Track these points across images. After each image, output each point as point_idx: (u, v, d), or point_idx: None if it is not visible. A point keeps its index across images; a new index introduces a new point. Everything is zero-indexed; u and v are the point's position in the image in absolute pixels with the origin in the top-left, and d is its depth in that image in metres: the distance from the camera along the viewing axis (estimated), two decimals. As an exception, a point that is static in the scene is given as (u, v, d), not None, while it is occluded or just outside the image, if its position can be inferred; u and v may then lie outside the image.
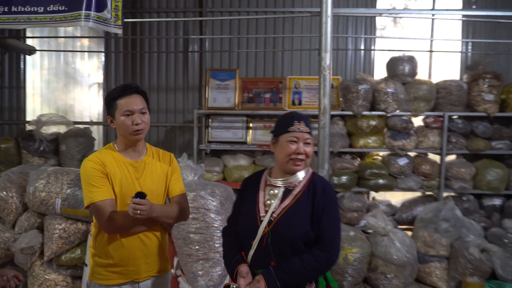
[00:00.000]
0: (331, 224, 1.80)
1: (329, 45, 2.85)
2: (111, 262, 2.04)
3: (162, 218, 2.06)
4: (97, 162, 2.02)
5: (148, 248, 2.08)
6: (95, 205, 1.98)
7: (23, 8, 2.94)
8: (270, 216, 1.81)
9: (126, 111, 2.00)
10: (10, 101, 5.68)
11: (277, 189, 1.88)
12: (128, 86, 2.08)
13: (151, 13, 5.48)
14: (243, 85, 5.22)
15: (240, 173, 4.79)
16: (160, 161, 2.18)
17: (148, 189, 2.04)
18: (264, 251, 1.81)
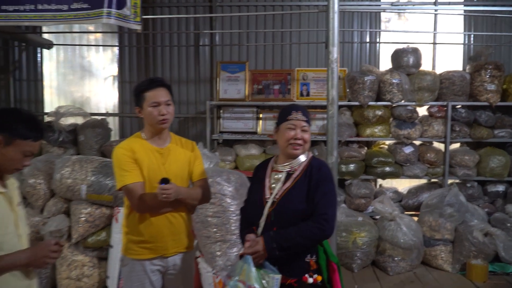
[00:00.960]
0: (324, 199, 1.99)
1: (336, 39, 3.01)
2: (142, 239, 2.24)
3: (188, 199, 2.27)
4: (127, 149, 2.23)
5: (175, 226, 2.29)
6: (127, 187, 2.18)
7: (48, 6, 3.12)
8: (273, 198, 2.04)
9: (153, 102, 2.21)
10: (28, 94, 5.90)
11: (280, 173, 2.09)
12: (155, 79, 2.29)
13: (162, 7, 5.65)
14: (252, 77, 5.40)
15: (252, 161, 4.98)
16: (183, 148, 2.39)
17: (172, 173, 2.25)
18: (270, 228, 2.02)
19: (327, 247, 2.10)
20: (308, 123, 2.08)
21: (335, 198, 2.08)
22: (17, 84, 5.87)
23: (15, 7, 3.10)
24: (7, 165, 1.74)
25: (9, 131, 1.70)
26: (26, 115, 1.78)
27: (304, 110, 2.09)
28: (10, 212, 1.77)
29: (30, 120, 1.77)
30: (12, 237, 1.75)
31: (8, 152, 1.71)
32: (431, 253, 4.36)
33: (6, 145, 1.70)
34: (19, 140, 1.71)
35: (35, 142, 1.76)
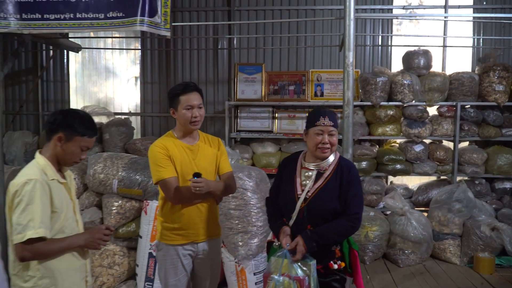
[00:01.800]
0: (355, 199, 2.23)
1: (352, 44, 3.23)
2: (176, 226, 2.50)
3: (217, 191, 2.52)
4: (162, 147, 2.48)
5: (204, 215, 2.55)
6: (163, 182, 2.43)
7: (86, 15, 3.38)
8: (306, 194, 2.25)
9: (187, 105, 2.45)
10: (55, 94, 6.21)
11: (311, 171, 2.31)
12: (189, 84, 2.54)
13: (183, 11, 5.91)
14: (268, 78, 5.64)
15: (268, 159, 5.23)
16: (210, 145, 2.65)
17: (202, 168, 2.51)
18: (301, 222, 2.25)
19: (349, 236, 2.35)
20: (335, 126, 2.27)
21: (362, 197, 2.31)
22: (45, 85, 6.18)
23: (56, 15, 3.36)
24: (67, 159, 2.01)
25: (69, 129, 1.97)
26: (83, 115, 2.05)
27: (331, 114, 2.28)
28: (69, 200, 2.04)
29: (86, 119, 2.04)
30: (72, 221, 2.03)
31: (69, 147, 1.98)
32: (440, 246, 4.57)
33: (67, 141, 1.97)
34: (77, 136, 1.98)
35: (91, 138, 2.04)
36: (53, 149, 1.99)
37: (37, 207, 1.81)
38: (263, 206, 3.60)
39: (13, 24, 3.38)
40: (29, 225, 1.78)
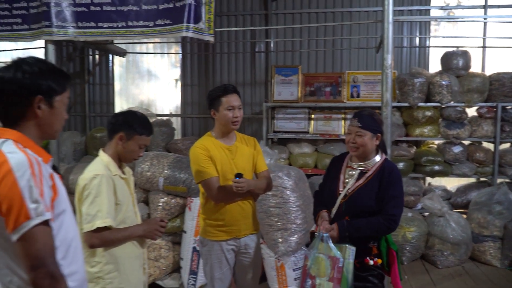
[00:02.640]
0: (392, 200, 2.33)
1: (390, 47, 3.30)
2: (220, 223, 2.66)
3: (256, 190, 2.68)
4: (203, 148, 2.63)
5: (245, 212, 2.70)
6: (205, 182, 2.59)
7: (137, 23, 3.62)
8: (346, 191, 2.40)
9: (229, 106, 2.60)
10: (101, 96, 6.54)
11: (354, 171, 2.45)
12: (230, 86, 2.68)
13: (221, 16, 6.10)
14: (305, 80, 5.74)
15: (304, 159, 5.33)
16: (247, 145, 2.79)
17: (240, 167, 2.67)
18: (340, 216, 2.40)
19: (389, 236, 2.45)
20: (365, 128, 2.37)
21: (402, 200, 2.39)
22: (91, 88, 6.53)
23: (109, 24, 3.62)
24: (127, 156, 2.21)
25: (129, 129, 2.17)
26: (141, 116, 2.25)
27: (361, 116, 2.41)
28: (129, 194, 2.24)
29: (144, 120, 2.24)
30: (132, 213, 2.23)
31: (129, 146, 2.19)
32: (480, 248, 4.53)
33: (128, 140, 2.18)
34: (136, 135, 2.19)
35: (148, 137, 2.23)
36: (115, 147, 2.20)
37: (104, 199, 2.01)
38: (302, 205, 3.74)
39: (70, 32, 3.66)
40: (97, 215, 1.98)
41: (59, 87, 1.43)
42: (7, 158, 1.29)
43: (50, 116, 1.43)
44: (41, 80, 1.39)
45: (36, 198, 1.26)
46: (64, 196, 1.44)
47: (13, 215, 1.25)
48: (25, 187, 1.26)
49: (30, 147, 1.38)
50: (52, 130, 1.45)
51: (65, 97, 1.47)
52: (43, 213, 1.27)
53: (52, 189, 1.35)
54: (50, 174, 1.37)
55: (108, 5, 3.63)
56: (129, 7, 3.61)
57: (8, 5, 3.71)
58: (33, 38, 3.69)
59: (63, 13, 3.62)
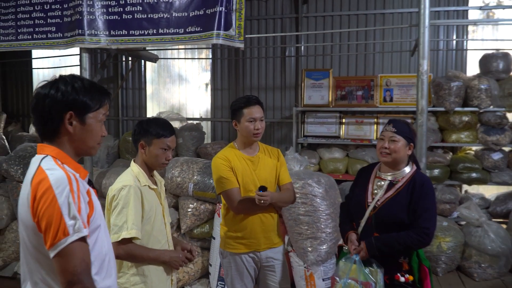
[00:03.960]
0: (425, 213, 2.22)
1: (426, 52, 3.18)
2: (239, 235, 2.63)
3: (279, 203, 2.65)
4: (224, 158, 2.61)
5: (266, 225, 2.65)
6: (226, 193, 2.57)
7: (167, 30, 3.65)
8: (375, 203, 2.31)
9: (250, 118, 2.58)
10: (133, 100, 6.67)
11: (383, 181, 2.36)
12: (252, 97, 2.66)
13: (251, 20, 6.08)
14: (336, 84, 5.65)
15: (335, 165, 5.24)
16: (270, 156, 2.75)
17: (262, 178, 2.63)
18: (369, 229, 2.32)
19: (420, 251, 2.34)
20: (400, 134, 2.29)
21: (435, 213, 2.29)
22: (124, 92, 6.66)
23: (140, 31, 3.66)
24: (154, 162, 2.22)
25: (146, 134, 2.19)
26: (156, 120, 2.27)
27: (397, 122, 2.34)
28: (159, 204, 2.25)
29: (160, 122, 2.25)
30: (160, 224, 2.23)
31: (151, 151, 2.20)
32: (521, 261, 4.30)
33: (148, 146, 2.19)
34: (155, 139, 2.19)
35: (168, 138, 2.22)
36: (141, 157, 2.22)
37: (130, 210, 2.02)
38: (332, 213, 3.66)
39: (103, 40, 3.73)
40: (123, 226, 2.00)
41: (92, 104, 1.44)
42: (47, 175, 1.32)
43: (83, 133, 1.44)
44: (73, 97, 1.41)
45: (74, 215, 1.29)
46: (100, 212, 1.46)
47: (52, 231, 1.27)
48: (64, 203, 1.28)
49: (68, 163, 1.41)
50: (86, 146, 1.47)
51: (100, 113, 1.48)
52: (81, 229, 1.29)
53: (88, 205, 1.37)
54: (87, 190, 1.39)
55: (139, 13, 3.68)
56: (160, 15, 3.65)
57: (43, 14, 3.82)
58: (66, 46, 3.79)
59: (96, 21, 3.69)
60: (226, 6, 3.49)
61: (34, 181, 1.33)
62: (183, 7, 3.61)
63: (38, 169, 1.36)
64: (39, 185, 1.31)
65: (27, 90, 7.15)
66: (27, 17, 3.88)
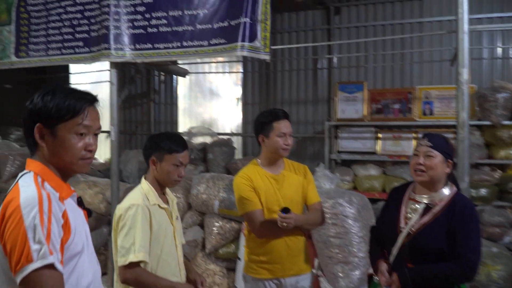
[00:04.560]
0: (468, 242, 1.93)
1: (466, 60, 2.89)
2: (262, 259, 2.43)
3: (305, 225, 2.44)
4: (246, 178, 2.45)
5: (292, 249, 2.44)
6: (248, 214, 2.41)
7: (191, 43, 3.56)
8: (409, 229, 2.04)
9: (281, 133, 2.41)
10: (165, 116, 6.68)
11: (418, 204, 2.08)
12: (281, 111, 2.50)
13: (282, 33, 5.96)
14: (371, 97, 5.37)
15: (371, 182, 4.94)
16: (296, 173, 2.55)
17: (287, 198, 2.43)
18: (402, 258, 2.05)
19: (463, 286, 2.05)
20: (436, 148, 2.03)
21: (480, 241, 1.99)
22: (156, 107, 6.69)
23: (165, 45, 3.60)
24: (166, 179, 2.08)
25: (158, 150, 2.05)
26: (168, 134, 2.14)
27: (433, 136, 2.08)
28: (170, 225, 2.10)
29: (172, 137, 2.11)
30: (171, 246, 2.07)
31: (163, 168, 2.06)
32: None
33: (160, 162, 2.05)
34: (167, 155, 2.05)
35: (181, 153, 2.07)
36: (152, 173, 2.09)
37: (138, 231, 1.89)
38: (366, 236, 3.38)
39: (128, 54, 3.69)
40: (131, 249, 1.87)
41: (60, 113, 1.27)
42: (19, 193, 1.20)
43: (55, 146, 1.29)
44: (39, 107, 1.28)
45: (39, 239, 1.14)
46: (82, 236, 1.31)
47: (16, 256, 1.13)
48: (30, 226, 1.14)
49: (50, 181, 1.28)
50: (64, 162, 1.31)
51: (74, 124, 1.29)
52: (45, 256, 1.13)
53: (64, 229, 1.22)
54: (63, 211, 1.24)
55: (164, 26, 3.62)
56: (185, 27, 3.57)
57: (72, 29, 3.85)
58: (92, 61, 3.79)
59: (121, 35, 3.67)
60: (251, 17, 3.36)
61: (6, 199, 1.21)
62: (208, 19, 3.52)
63: (14, 186, 1.24)
64: (9, 204, 1.18)
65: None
66: (57, 33, 3.92)
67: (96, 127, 1.36)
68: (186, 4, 3.58)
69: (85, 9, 3.80)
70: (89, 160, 1.35)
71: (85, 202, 4.31)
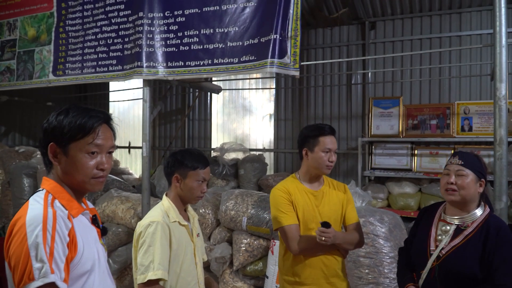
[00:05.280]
0: (503, 266, 1.81)
1: (504, 74, 2.76)
2: (297, 280, 2.33)
3: (344, 244, 2.31)
4: (284, 191, 2.37)
5: (329, 269, 2.33)
6: (283, 229, 2.30)
7: (222, 60, 3.62)
8: (439, 252, 1.94)
9: (326, 148, 2.33)
10: (199, 131, 6.78)
11: (449, 225, 1.98)
12: (329, 126, 2.41)
13: (316, 49, 5.94)
14: (407, 112, 5.24)
15: (406, 200, 4.77)
16: (336, 190, 2.46)
17: (326, 215, 2.33)
18: (432, 282, 1.94)
19: None
20: (468, 167, 1.94)
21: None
22: (191, 123, 6.81)
23: (196, 62, 3.68)
24: (189, 195, 2.09)
25: (182, 167, 2.07)
26: (191, 151, 2.14)
27: (464, 154, 1.99)
28: (190, 242, 2.10)
29: (194, 154, 2.12)
30: (191, 264, 2.07)
31: (187, 184, 2.07)
32: None
33: (184, 178, 2.06)
34: (191, 171, 2.06)
35: (204, 169, 2.09)
36: (175, 190, 2.10)
37: (157, 249, 1.90)
38: (397, 256, 3.26)
39: (160, 72, 3.80)
40: (150, 267, 1.87)
41: (71, 132, 1.30)
42: (27, 211, 1.23)
43: (67, 165, 1.32)
44: (52, 126, 1.32)
45: (41, 257, 1.16)
46: (93, 255, 1.32)
47: (18, 273, 1.16)
48: (33, 244, 1.17)
49: (61, 199, 1.31)
50: (76, 180, 1.34)
51: (86, 143, 1.32)
52: (46, 274, 1.15)
53: (69, 247, 1.23)
54: (69, 229, 1.26)
55: (196, 44, 3.70)
56: (216, 45, 3.64)
57: (106, 48, 4.02)
58: (125, 78, 3.91)
59: (154, 53, 3.78)
60: (281, 33, 3.38)
61: (15, 216, 1.25)
62: (238, 36, 3.58)
63: (25, 204, 1.28)
64: (17, 221, 1.22)
65: (104, 122, 7.61)
66: (92, 52, 4.10)
67: (109, 146, 1.37)
68: (217, 22, 3.66)
69: (119, 29, 3.96)
70: (102, 179, 1.37)
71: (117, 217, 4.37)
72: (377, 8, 5.37)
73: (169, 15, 3.81)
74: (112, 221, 4.25)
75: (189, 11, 3.77)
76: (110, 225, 4.25)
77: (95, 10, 4.17)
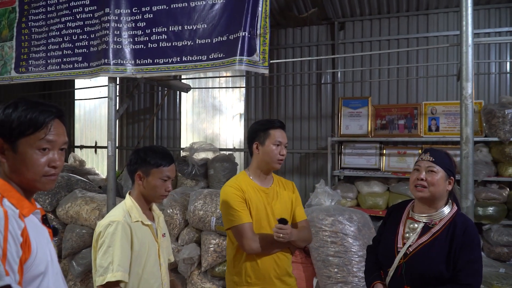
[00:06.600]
0: (469, 267, 1.82)
1: (470, 74, 2.81)
2: (249, 280, 2.26)
3: (298, 241, 2.29)
4: (237, 188, 2.28)
5: (280, 268, 2.30)
6: (236, 228, 2.21)
7: (191, 57, 3.54)
8: (406, 249, 1.93)
9: (277, 141, 2.30)
10: (168, 131, 6.64)
11: (417, 223, 1.98)
12: (279, 120, 2.40)
13: (286, 48, 5.93)
14: (375, 112, 5.30)
15: (374, 199, 4.82)
16: (285, 189, 2.44)
17: (277, 213, 2.30)
18: (399, 280, 1.94)
19: None
20: (439, 164, 1.94)
21: (481, 266, 1.88)
22: (159, 122, 6.66)
23: (164, 59, 3.58)
24: (152, 194, 2.00)
25: (144, 164, 1.98)
26: (155, 148, 2.06)
27: (434, 151, 1.99)
28: (154, 242, 2.01)
29: (158, 151, 2.03)
30: (154, 265, 1.98)
31: (149, 182, 1.98)
32: None
33: (146, 176, 1.98)
34: (153, 169, 1.98)
35: (168, 167, 2.00)
36: (138, 189, 2.02)
37: (117, 249, 1.81)
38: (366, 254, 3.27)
39: (128, 69, 3.67)
40: (109, 268, 1.79)
41: (21, 127, 1.21)
42: None
43: (16, 162, 1.23)
44: (2, 121, 1.22)
45: None
46: (45, 256, 1.23)
47: None
48: None
49: (10, 197, 1.21)
50: (26, 179, 1.24)
51: (37, 139, 1.23)
52: (1, 277, 1.07)
53: (23, 248, 1.14)
54: (22, 229, 1.17)
55: (164, 41, 3.61)
56: (184, 42, 3.55)
57: (71, 44, 3.86)
58: (91, 76, 3.77)
59: (122, 51, 3.66)
60: (249, 31, 3.32)
61: None
62: (207, 33, 3.50)
63: None
64: None
65: (69, 121, 7.36)
66: (57, 48, 3.93)
67: (62, 142, 1.29)
68: (186, 19, 3.57)
69: (85, 25, 3.81)
70: (54, 177, 1.28)
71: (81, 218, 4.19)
72: (346, 9, 5.40)
73: (137, 12, 3.70)
74: (76, 222, 4.09)
75: (157, 7, 3.67)
76: (73, 227, 4.09)
77: (59, 5, 4.00)
